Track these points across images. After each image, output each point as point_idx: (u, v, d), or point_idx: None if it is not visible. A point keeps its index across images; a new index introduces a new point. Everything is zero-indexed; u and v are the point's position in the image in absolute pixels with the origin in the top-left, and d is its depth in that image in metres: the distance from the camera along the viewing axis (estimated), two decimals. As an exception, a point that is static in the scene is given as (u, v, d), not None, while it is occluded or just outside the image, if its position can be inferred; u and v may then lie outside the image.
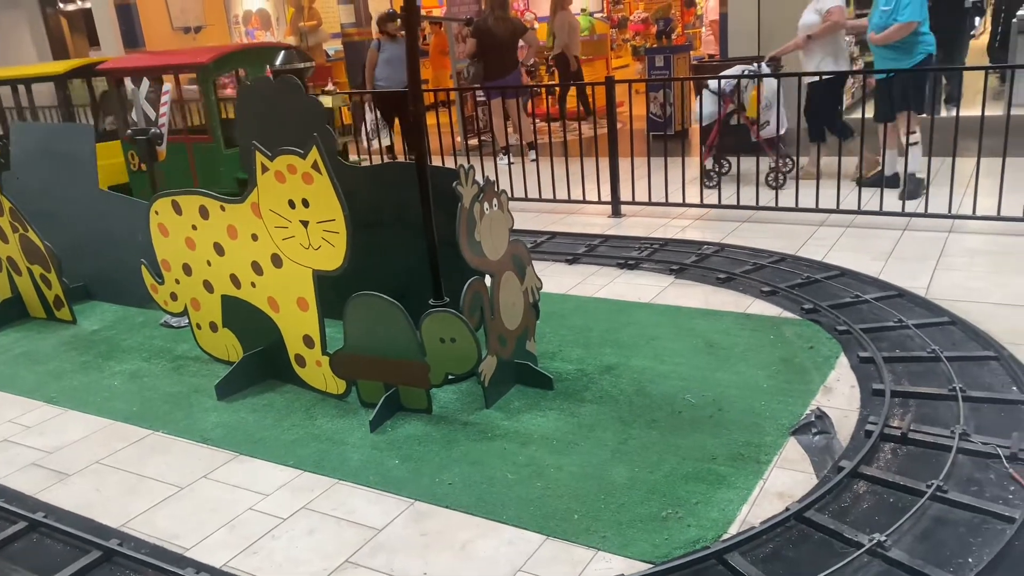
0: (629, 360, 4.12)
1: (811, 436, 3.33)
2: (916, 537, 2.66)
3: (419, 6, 3.78)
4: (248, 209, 3.79)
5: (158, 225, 4.22)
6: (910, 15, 6.14)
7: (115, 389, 4.37)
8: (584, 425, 3.55)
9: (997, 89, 9.28)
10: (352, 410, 3.87)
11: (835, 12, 6.83)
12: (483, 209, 3.58)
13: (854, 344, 4.04)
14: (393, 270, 4.27)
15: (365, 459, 3.46)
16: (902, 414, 3.38)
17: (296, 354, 4.00)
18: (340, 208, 3.49)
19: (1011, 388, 3.50)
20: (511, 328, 3.83)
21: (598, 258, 5.79)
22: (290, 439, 3.68)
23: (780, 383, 3.76)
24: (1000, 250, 5.24)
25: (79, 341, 5.10)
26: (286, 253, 3.75)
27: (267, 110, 4.23)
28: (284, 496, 3.26)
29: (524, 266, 3.87)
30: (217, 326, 4.28)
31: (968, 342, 3.96)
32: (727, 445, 3.30)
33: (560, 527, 2.89)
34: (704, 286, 5.08)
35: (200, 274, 4.18)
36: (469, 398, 3.87)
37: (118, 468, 3.59)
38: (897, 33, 6.22)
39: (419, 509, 3.09)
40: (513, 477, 3.22)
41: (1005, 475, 2.92)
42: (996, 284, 4.69)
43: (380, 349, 3.69)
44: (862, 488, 2.94)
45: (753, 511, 2.89)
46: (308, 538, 2.99)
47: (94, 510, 3.28)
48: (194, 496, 3.32)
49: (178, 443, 3.76)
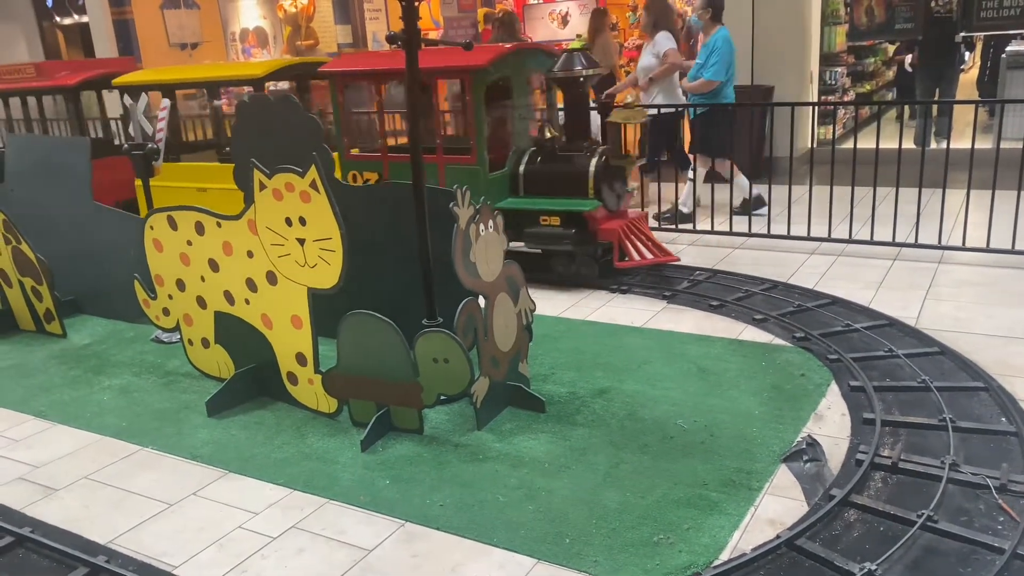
0: (621, 384, 4.13)
1: (802, 463, 3.33)
2: (906, 567, 2.66)
3: (419, 29, 3.81)
4: (244, 226, 3.80)
5: (153, 240, 4.21)
6: (713, 75, 7.15)
7: (104, 404, 4.35)
8: (576, 448, 3.55)
9: (986, 123, 9.41)
10: (343, 429, 3.85)
11: (671, 55, 7.46)
12: (479, 230, 3.60)
13: (845, 372, 4.06)
14: (387, 289, 4.27)
15: (356, 479, 3.44)
16: (892, 443, 3.40)
17: (288, 372, 3.99)
18: (337, 227, 3.50)
19: (1000, 419, 3.53)
20: (504, 350, 3.83)
21: (592, 282, 5.80)
22: (281, 457, 3.66)
23: (772, 410, 3.78)
24: (989, 281, 5.29)
25: (69, 355, 5.07)
26: (281, 271, 3.75)
27: (265, 127, 4.24)
28: (274, 515, 3.24)
29: (518, 288, 3.88)
30: (209, 342, 4.27)
31: (958, 372, 3.99)
32: (719, 471, 3.31)
33: (551, 551, 2.88)
34: (696, 312, 5.10)
35: (194, 290, 4.17)
36: (461, 419, 3.86)
37: (106, 484, 3.56)
38: (702, 87, 7.24)
39: (409, 530, 3.08)
40: (504, 500, 3.21)
41: (995, 506, 2.94)
42: (985, 315, 4.74)
43: (373, 368, 3.69)
44: (853, 517, 2.95)
45: (744, 537, 2.89)
46: (298, 558, 2.97)
47: (81, 526, 3.25)
48: (183, 513, 3.30)
49: (167, 459, 3.74)
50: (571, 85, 5.71)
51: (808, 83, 9.07)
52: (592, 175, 5.59)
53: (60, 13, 16.40)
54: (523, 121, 6.08)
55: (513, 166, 5.88)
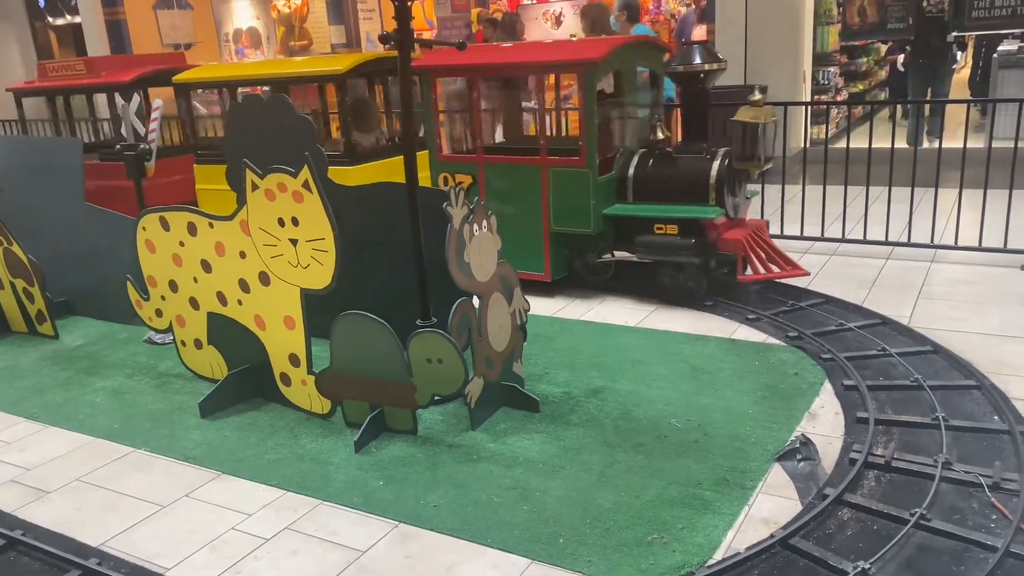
0: (615, 384, 4.13)
1: (796, 462, 3.34)
2: (900, 565, 2.66)
3: (412, 29, 3.80)
4: (237, 226, 3.79)
5: (145, 241, 4.20)
6: None
7: (97, 405, 4.33)
8: (570, 448, 3.55)
9: (978, 122, 9.44)
10: (337, 430, 3.84)
11: None
12: (472, 230, 3.60)
13: (838, 371, 4.07)
14: (381, 290, 4.26)
15: (349, 480, 3.43)
16: (886, 442, 3.40)
17: (281, 373, 3.98)
18: (330, 227, 3.49)
19: (992, 417, 3.54)
20: (498, 350, 3.83)
21: (584, 281, 5.80)
22: (274, 458, 3.65)
23: (765, 409, 3.78)
24: (981, 280, 5.31)
25: (61, 356, 5.05)
26: (274, 271, 3.74)
27: (257, 127, 4.23)
28: (267, 516, 3.23)
29: (512, 288, 3.88)
30: (202, 343, 4.26)
31: (950, 371, 4.00)
32: (712, 470, 3.31)
33: (545, 551, 2.88)
34: (689, 311, 5.11)
35: (186, 291, 4.15)
36: (455, 419, 3.86)
37: (99, 486, 3.54)
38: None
39: (403, 531, 3.07)
40: (498, 500, 3.20)
41: (987, 504, 2.94)
42: (977, 314, 4.75)
43: (367, 369, 3.68)
44: (847, 515, 2.95)
45: (739, 537, 2.90)
46: (291, 559, 2.96)
47: (73, 528, 3.23)
48: (176, 515, 3.29)
49: (160, 461, 3.72)
50: (691, 81, 5.19)
51: (801, 83, 9.09)
52: (714, 179, 5.08)
53: (52, 13, 16.35)
54: (632, 120, 5.67)
55: (621, 169, 5.37)
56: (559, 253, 5.51)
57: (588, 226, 5.25)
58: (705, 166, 5.13)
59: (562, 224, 5.34)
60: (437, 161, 5.80)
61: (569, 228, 5.33)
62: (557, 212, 5.34)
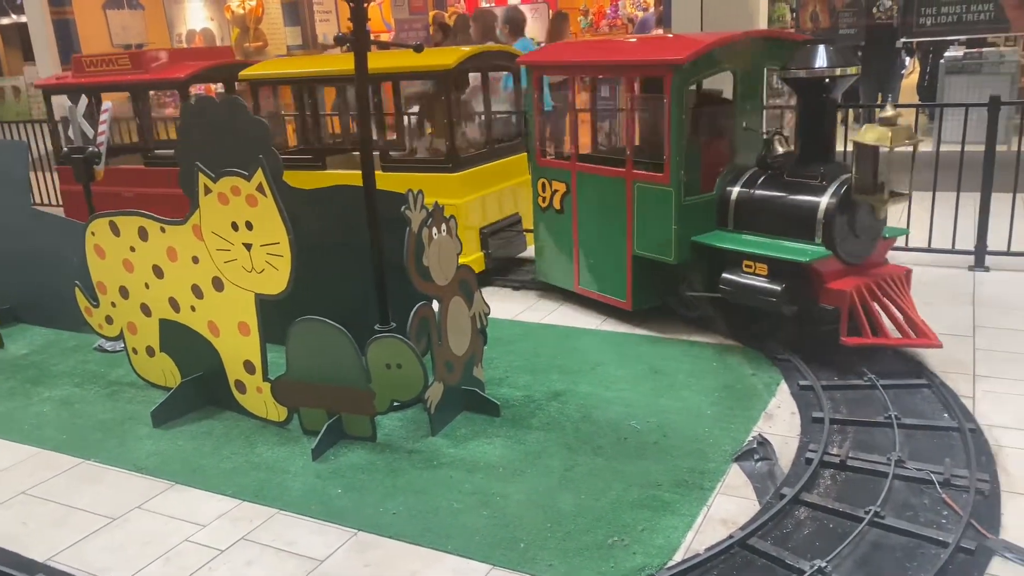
0: (576, 386, 4.13)
1: (753, 462, 3.37)
2: (856, 562, 2.70)
3: (368, 31, 3.77)
4: (189, 231, 3.71)
5: (94, 246, 4.09)
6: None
7: (44, 416, 4.20)
8: (531, 452, 3.54)
9: (926, 126, 9.67)
10: (294, 438, 3.78)
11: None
12: (431, 234, 3.57)
13: (794, 372, 4.12)
14: (338, 294, 4.21)
15: (307, 488, 3.38)
16: (841, 441, 3.46)
17: (236, 380, 3.91)
18: (285, 231, 3.44)
19: (943, 415, 3.61)
20: (459, 354, 3.80)
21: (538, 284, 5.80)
22: (229, 468, 3.58)
23: (723, 409, 3.81)
24: (931, 280, 5.42)
25: (5, 365, 4.90)
26: (228, 276, 3.67)
27: (211, 129, 4.15)
28: (222, 527, 3.16)
29: (472, 292, 3.86)
30: (154, 350, 4.16)
31: (902, 370, 4.07)
32: (672, 471, 3.33)
33: (506, 556, 2.86)
34: (650, 314, 5.13)
35: (137, 297, 4.06)
36: (414, 425, 3.82)
37: (46, 499, 3.44)
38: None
39: (362, 540, 3.03)
40: (459, 506, 3.18)
41: (939, 500, 3.00)
42: (926, 314, 4.82)
43: (324, 375, 3.63)
44: (803, 514, 2.99)
45: (698, 538, 2.91)
46: (247, 570, 2.90)
47: (19, 543, 3.13)
48: (127, 527, 3.20)
49: (111, 472, 3.63)
50: (811, 88, 4.23)
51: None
52: (823, 213, 4.14)
53: (-3, 12, 15.93)
54: (747, 132, 4.67)
55: (723, 189, 4.55)
56: (643, 279, 4.80)
57: (669, 254, 4.52)
58: (814, 195, 4.20)
59: (644, 248, 4.67)
60: (537, 166, 5.28)
61: (650, 253, 4.66)
62: (640, 234, 4.66)
